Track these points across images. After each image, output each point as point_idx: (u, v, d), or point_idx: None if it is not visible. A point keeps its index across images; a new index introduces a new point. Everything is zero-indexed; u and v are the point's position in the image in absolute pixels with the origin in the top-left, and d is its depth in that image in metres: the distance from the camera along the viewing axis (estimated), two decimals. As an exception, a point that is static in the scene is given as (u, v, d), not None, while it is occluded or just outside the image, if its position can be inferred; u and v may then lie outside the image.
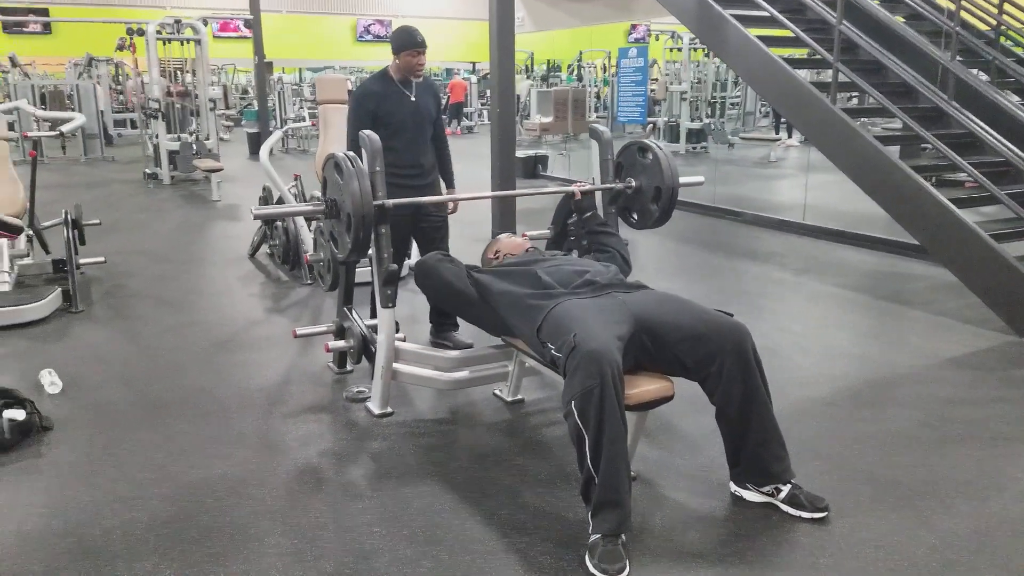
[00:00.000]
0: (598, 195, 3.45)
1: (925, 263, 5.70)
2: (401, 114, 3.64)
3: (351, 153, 2.84)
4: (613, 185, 3.36)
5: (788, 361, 3.84)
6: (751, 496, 2.55)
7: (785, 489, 2.49)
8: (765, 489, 2.52)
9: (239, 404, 3.36)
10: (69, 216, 4.95)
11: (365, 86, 3.74)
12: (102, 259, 5.30)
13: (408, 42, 3.57)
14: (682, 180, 3.27)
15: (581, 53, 19.64)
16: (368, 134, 2.95)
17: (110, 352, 4.02)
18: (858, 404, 3.37)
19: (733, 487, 2.60)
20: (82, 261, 5.12)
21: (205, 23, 10.42)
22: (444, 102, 16.60)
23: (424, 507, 2.54)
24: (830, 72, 5.39)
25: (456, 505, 2.56)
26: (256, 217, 2.88)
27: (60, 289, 4.66)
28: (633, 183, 3.33)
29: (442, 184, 3.97)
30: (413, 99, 3.67)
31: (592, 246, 3.29)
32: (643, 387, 2.40)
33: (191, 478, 2.74)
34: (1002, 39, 6.26)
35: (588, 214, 3.34)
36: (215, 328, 4.40)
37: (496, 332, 3.03)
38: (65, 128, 5.98)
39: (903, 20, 6.12)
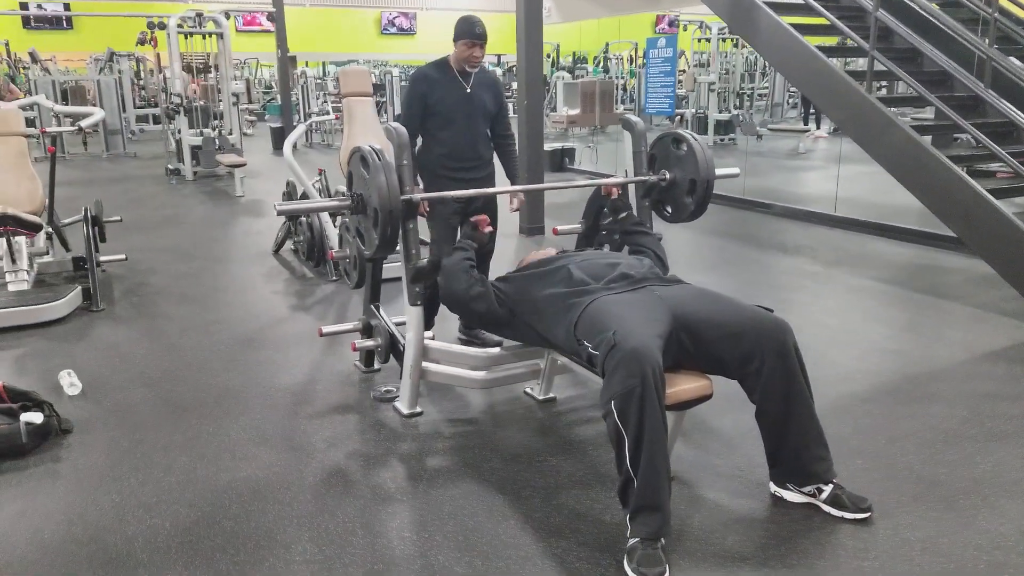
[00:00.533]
0: (631, 188, 3.36)
1: (961, 255, 5.58)
2: (452, 103, 3.57)
3: (377, 146, 2.78)
4: (647, 178, 3.28)
5: (824, 356, 3.73)
6: (792, 497, 2.49)
7: (827, 489, 2.43)
8: (806, 489, 2.46)
9: (264, 404, 3.31)
10: (89, 213, 4.92)
11: (421, 70, 3.70)
12: (123, 256, 5.26)
13: (466, 31, 3.51)
14: (718, 172, 3.18)
15: (608, 44, 19.47)
16: (395, 126, 2.89)
17: (131, 352, 3.97)
18: (898, 400, 3.30)
19: (773, 487, 2.53)
20: (103, 259, 5.08)
21: (228, 16, 10.39)
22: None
23: (456, 510, 2.48)
24: (858, 60, 5.27)
25: (489, 508, 2.49)
26: (280, 213, 2.82)
27: (80, 287, 4.63)
28: (667, 175, 3.24)
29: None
30: (468, 90, 3.60)
31: (627, 246, 3.21)
32: (682, 386, 2.34)
33: (216, 482, 2.68)
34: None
35: (623, 214, 3.26)
36: (239, 326, 4.36)
37: (532, 344, 2.92)
38: (84, 123, 5.96)
39: (938, 7, 5.96)
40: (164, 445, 2.95)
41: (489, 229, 3.15)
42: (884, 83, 9.28)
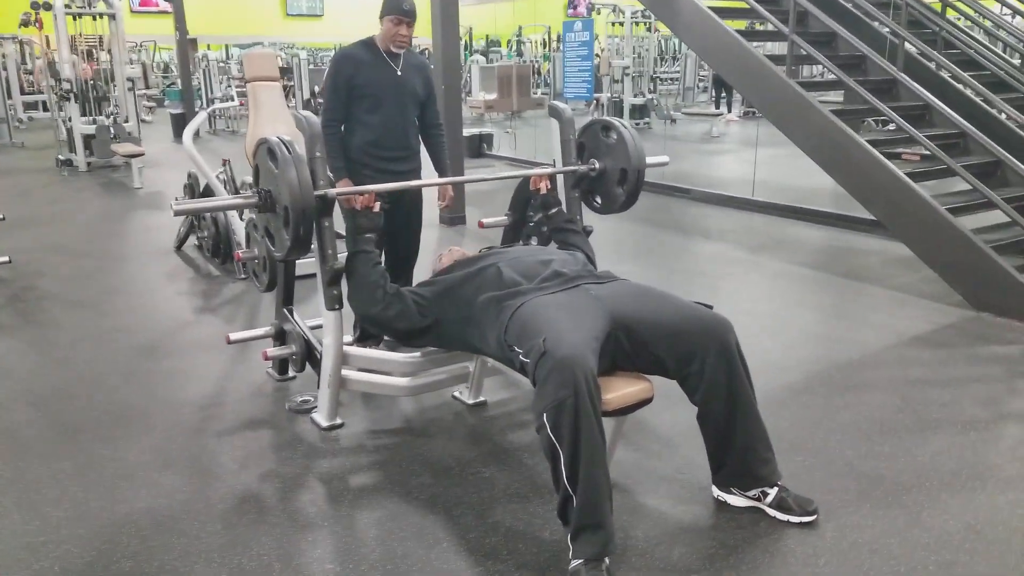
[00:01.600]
0: (559, 177, 3.21)
1: (877, 237, 5.68)
2: (381, 86, 3.33)
3: (286, 137, 2.52)
4: (576, 167, 3.13)
5: (757, 346, 3.68)
6: (736, 501, 2.41)
7: (772, 492, 2.36)
8: (751, 493, 2.39)
9: (167, 422, 3.03)
10: (-33, 211, 4.48)
11: (345, 49, 3.43)
12: (6, 259, 4.86)
13: (392, 7, 3.26)
14: (647, 160, 3.07)
15: (521, 28, 19.32)
16: (306, 115, 2.65)
17: (15, 365, 3.62)
18: (832, 390, 3.29)
19: (716, 491, 2.45)
20: (-18, 262, 4.68)
21: (120, -4, 9.74)
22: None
23: (384, 535, 2.29)
24: (766, 44, 5.28)
25: (419, 530, 2.31)
26: (177, 213, 2.54)
27: (-44, 295, 4.21)
28: (597, 165, 3.11)
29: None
30: (399, 73, 3.37)
31: (557, 244, 3.06)
32: (621, 390, 2.22)
33: (112, 514, 2.41)
34: (949, 12, 6.26)
35: (554, 210, 3.10)
36: (139, 333, 4.02)
37: (460, 350, 2.73)
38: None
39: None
40: (52, 474, 2.64)
41: (377, 209, 2.78)
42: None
